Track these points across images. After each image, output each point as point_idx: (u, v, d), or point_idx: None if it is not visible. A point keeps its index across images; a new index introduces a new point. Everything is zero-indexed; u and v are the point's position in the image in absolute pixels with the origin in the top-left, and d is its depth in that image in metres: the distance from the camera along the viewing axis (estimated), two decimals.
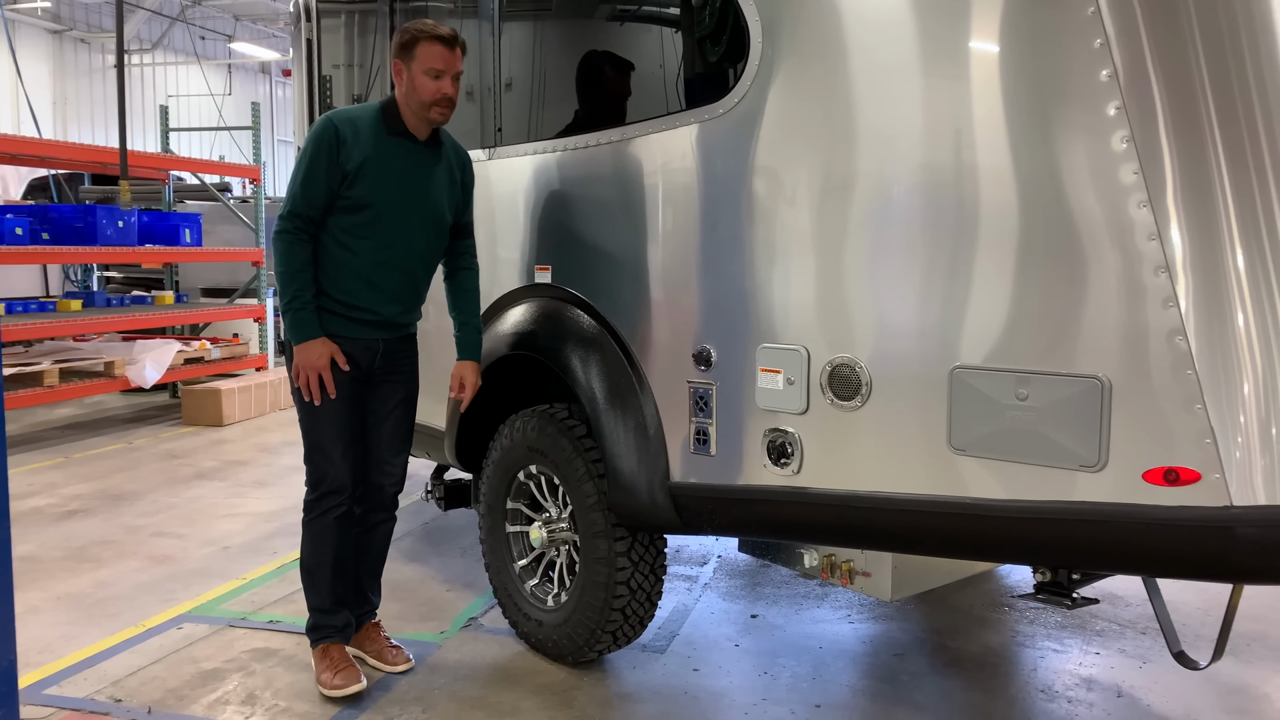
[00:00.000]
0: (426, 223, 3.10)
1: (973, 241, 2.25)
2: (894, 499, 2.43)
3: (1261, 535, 1.95)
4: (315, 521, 3.12)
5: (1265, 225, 2.04)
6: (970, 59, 2.26)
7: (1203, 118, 2.06)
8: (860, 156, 2.43)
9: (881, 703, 3.13)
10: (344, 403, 3.06)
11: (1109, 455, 2.09)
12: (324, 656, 3.14)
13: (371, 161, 2.97)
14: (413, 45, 2.96)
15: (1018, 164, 2.19)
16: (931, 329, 2.33)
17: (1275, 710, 3.11)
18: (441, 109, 3.01)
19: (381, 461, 3.22)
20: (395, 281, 3.08)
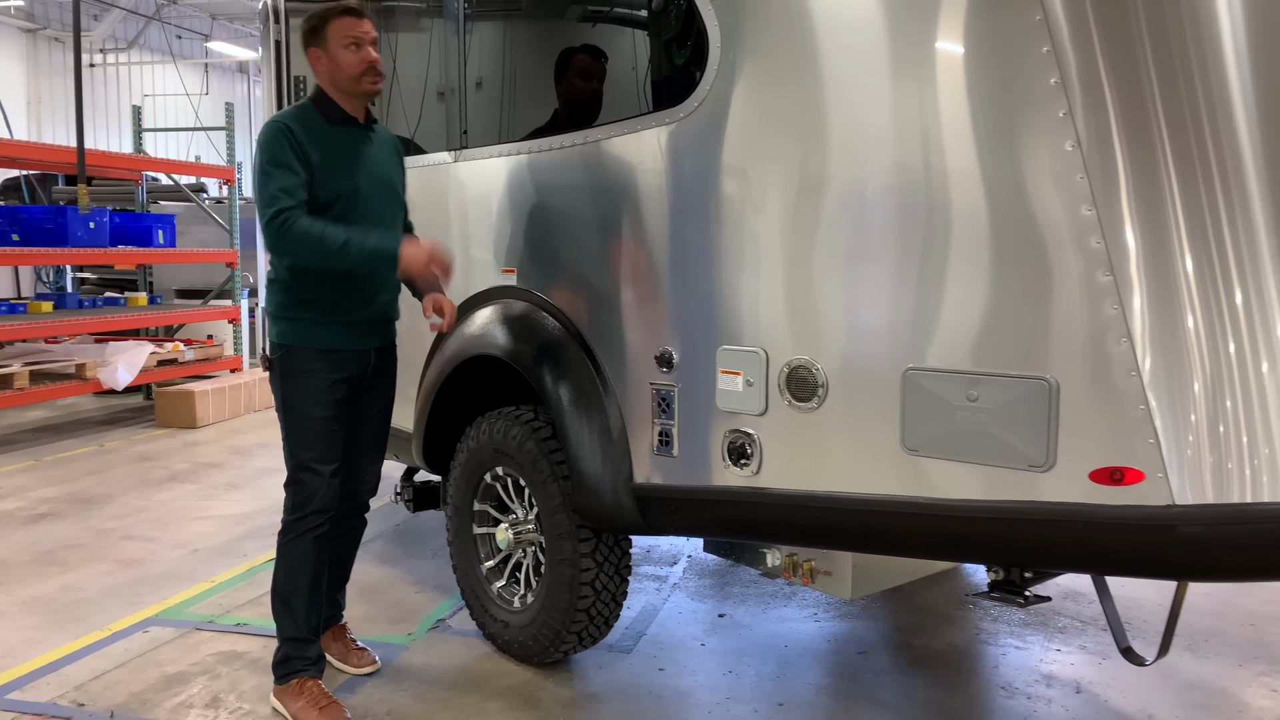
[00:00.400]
0: (390, 204, 3.09)
1: (923, 245, 2.28)
2: (849, 499, 2.45)
3: (1202, 533, 1.98)
4: (295, 542, 2.97)
5: (1211, 229, 2.07)
6: (921, 65, 2.29)
7: (1152, 124, 2.09)
8: (813, 162, 2.45)
9: (844, 700, 3.17)
10: (337, 422, 3.00)
11: (1057, 455, 2.13)
12: (300, 691, 2.95)
13: (328, 154, 2.92)
14: (322, 27, 2.93)
15: (967, 170, 2.22)
16: (884, 331, 2.36)
17: (1230, 704, 3.16)
18: (372, 78, 2.95)
19: (360, 470, 3.19)
20: (375, 271, 3.00)
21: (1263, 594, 4.13)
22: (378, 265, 2.90)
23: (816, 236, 2.47)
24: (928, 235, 2.28)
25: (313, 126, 2.93)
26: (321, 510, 2.97)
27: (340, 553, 3.28)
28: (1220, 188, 2.09)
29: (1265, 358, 2.04)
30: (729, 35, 2.60)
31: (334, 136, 2.95)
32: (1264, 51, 2.15)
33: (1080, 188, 2.08)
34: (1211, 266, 2.06)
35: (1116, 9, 2.11)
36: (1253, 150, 2.11)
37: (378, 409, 3.21)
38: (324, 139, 2.93)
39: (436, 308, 2.99)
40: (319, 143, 2.91)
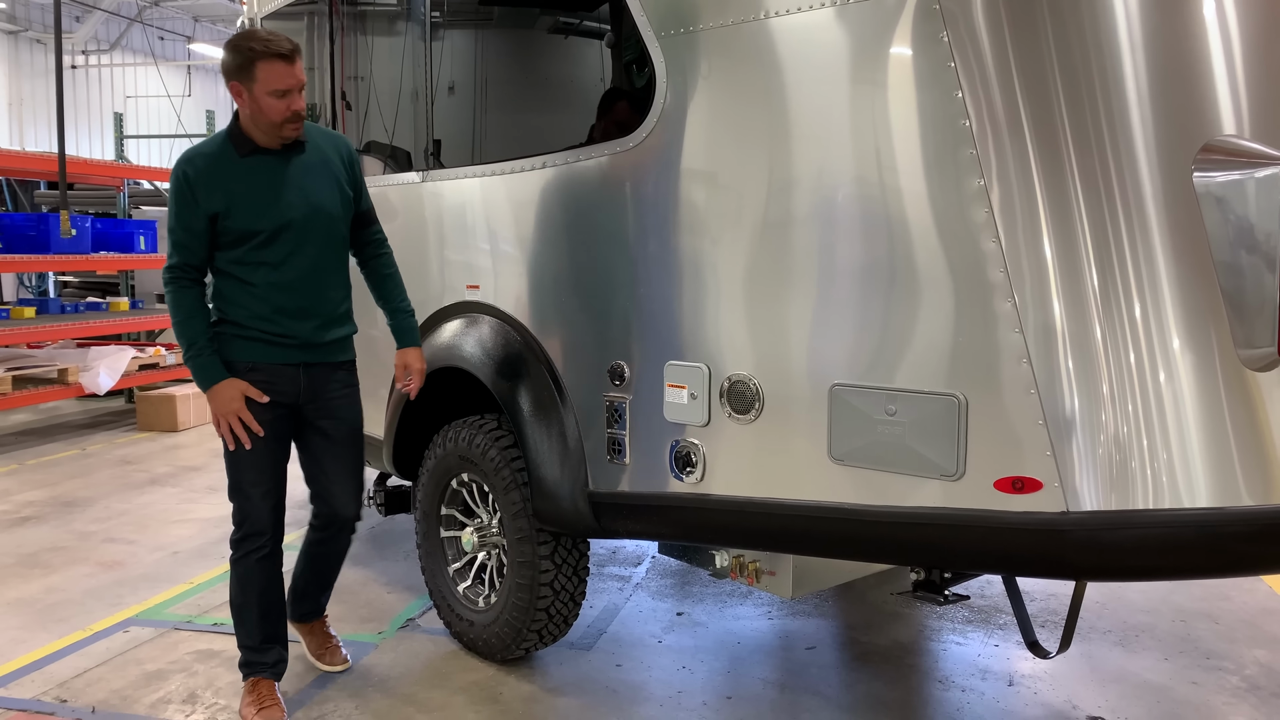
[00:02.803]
0: (314, 229, 2.97)
1: (847, 271, 2.47)
2: (783, 504, 2.64)
3: (1092, 537, 2.18)
4: (239, 563, 3.06)
5: (1094, 265, 2.26)
6: (846, 105, 2.47)
7: (1061, 160, 2.28)
8: (749, 191, 2.64)
9: (789, 693, 3.36)
10: (266, 442, 2.96)
11: (966, 465, 2.32)
12: (252, 690, 3.11)
13: (235, 192, 2.86)
14: (250, 66, 2.78)
15: (887, 205, 2.41)
16: (813, 349, 2.55)
17: (1152, 695, 3.36)
18: (294, 125, 2.87)
19: (334, 497, 3.19)
20: (299, 300, 2.97)
21: (1195, 591, 4.34)
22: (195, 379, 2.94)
23: (752, 260, 2.66)
24: (851, 262, 2.47)
25: (219, 163, 2.87)
26: (257, 534, 3.02)
27: (322, 559, 3.33)
28: (1110, 222, 2.28)
29: (1155, 372, 2.23)
30: (674, 71, 2.78)
31: (246, 169, 2.89)
32: (1161, 85, 2.33)
33: (986, 221, 2.27)
34: (1108, 291, 2.25)
35: (1029, 50, 2.29)
36: (1152, 185, 2.29)
37: (341, 436, 3.13)
38: (234, 174, 2.87)
39: (406, 367, 3.17)
40: (227, 178, 2.86)
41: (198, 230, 2.87)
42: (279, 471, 3.06)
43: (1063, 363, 2.21)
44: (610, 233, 3.02)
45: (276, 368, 2.99)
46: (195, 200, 2.85)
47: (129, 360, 8.10)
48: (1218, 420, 2.21)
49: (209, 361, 2.91)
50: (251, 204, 2.88)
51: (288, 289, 2.95)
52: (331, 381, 3.12)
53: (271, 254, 2.92)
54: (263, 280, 2.93)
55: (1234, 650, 3.74)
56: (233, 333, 2.95)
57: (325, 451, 3.15)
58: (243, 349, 2.96)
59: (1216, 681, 3.47)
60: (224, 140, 2.92)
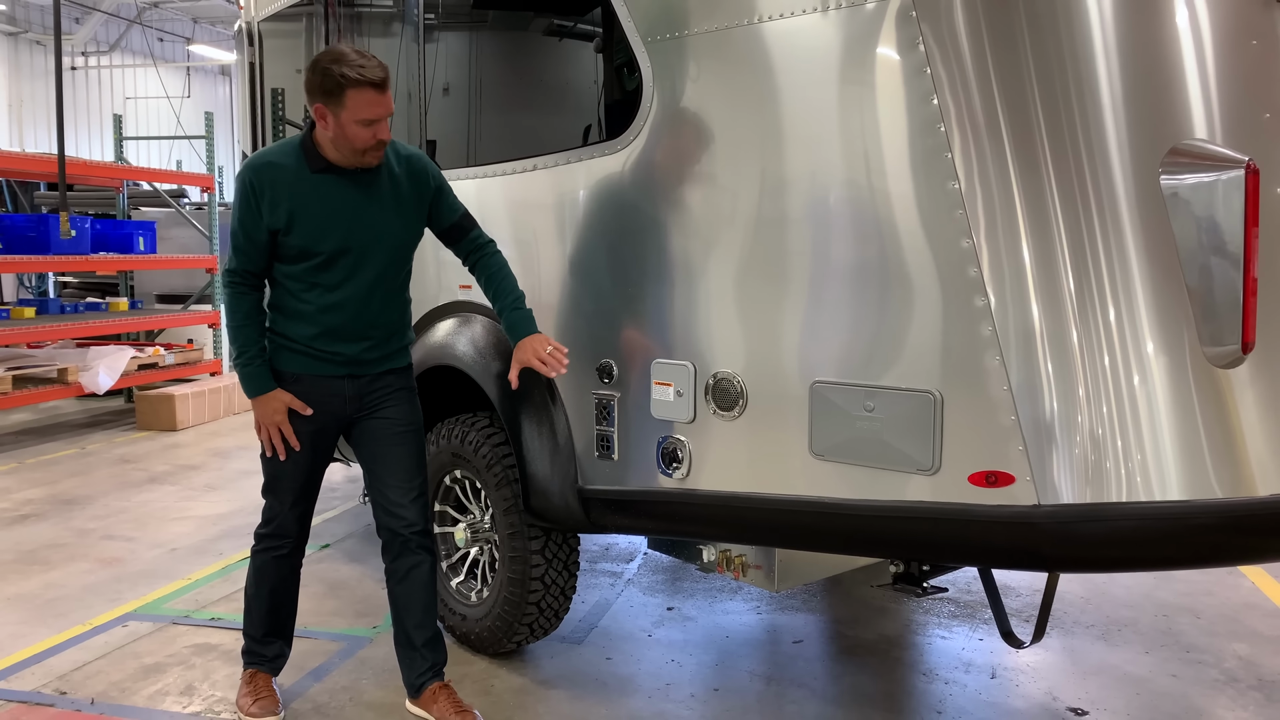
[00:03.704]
0: (374, 255, 2.90)
1: (828, 271, 2.54)
2: (766, 499, 2.70)
3: (1062, 529, 2.24)
4: (258, 555, 3.11)
5: (1069, 263, 2.32)
6: (825, 109, 2.53)
7: (1038, 163, 2.34)
8: (733, 194, 2.70)
9: (775, 685, 3.42)
10: (303, 453, 2.97)
11: (941, 460, 2.38)
12: (249, 682, 3.15)
13: (300, 208, 2.80)
14: (340, 93, 2.68)
15: (866, 206, 2.47)
16: (795, 348, 2.61)
17: (1131, 687, 3.42)
18: (376, 153, 2.81)
19: (390, 505, 3.03)
20: (351, 323, 2.92)
21: (1178, 586, 4.41)
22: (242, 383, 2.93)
23: (736, 260, 2.72)
24: (831, 262, 2.53)
25: (288, 174, 2.81)
26: (276, 535, 3.06)
27: (403, 594, 3.08)
28: (1097, 221, 2.34)
29: (1128, 368, 2.30)
30: (660, 76, 2.85)
31: (312, 186, 2.82)
32: (1135, 90, 2.39)
33: (961, 222, 2.34)
34: (1082, 289, 2.31)
35: (1006, 56, 2.35)
36: (1125, 187, 2.36)
37: (393, 435, 3.03)
38: (301, 190, 2.81)
39: (535, 355, 2.91)
40: (293, 194, 2.81)
41: (259, 241, 2.84)
42: (311, 483, 3.08)
43: (1035, 359, 2.27)
44: (599, 234, 3.09)
45: (321, 379, 2.96)
46: (259, 211, 2.80)
47: (128, 360, 8.16)
48: (1189, 415, 2.27)
49: (258, 371, 2.91)
50: (314, 225, 2.82)
51: (340, 310, 2.90)
52: (379, 384, 3.04)
53: (328, 277, 2.87)
54: (316, 300, 2.89)
55: (1214, 644, 3.80)
56: (280, 343, 2.95)
57: (375, 456, 3.05)
58: (289, 360, 2.95)
59: (1195, 674, 3.54)
60: (296, 150, 2.83)
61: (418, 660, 3.12)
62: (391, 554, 3.11)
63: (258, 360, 2.93)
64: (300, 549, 3.15)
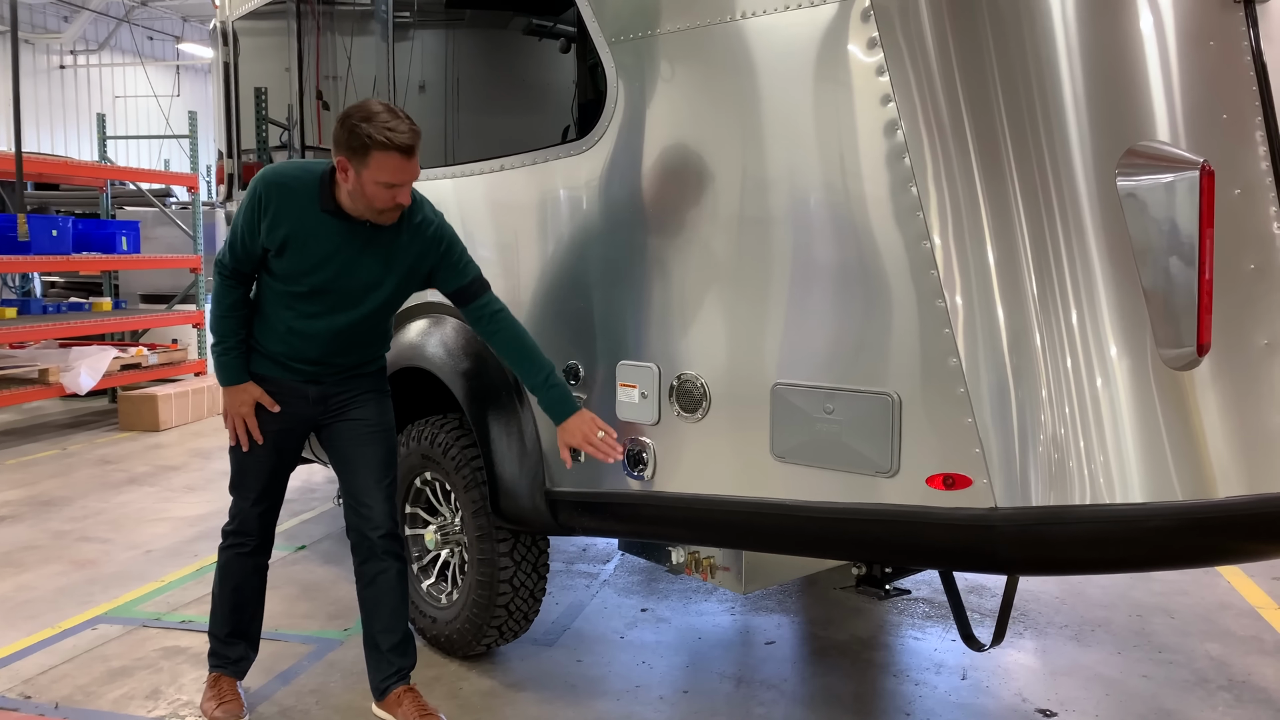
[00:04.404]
0: (358, 305, 2.89)
1: (789, 273, 2.53)
2: (729, 501, 2.69)
3: (1019, 532, 2.23)
4: (223, 552, 3.12)
5: (1031, 264, 2.31)
6: (785, 109, 2.52)
7: (998, 167, 2.33)
8: (696, 195, 2.69)
9: (745, 687, 3.41)
10: (268, 451, 2.99)
11: (900, 463, 2.37)
12: (213, 685, 3.13)
13: (297, 239, 2.78)
14: (365, 152, 2.62)
15: (829, 208, 2.46)
16: (757, 349, 2.60)
17: (1102, 688, 3.42)
18: (391, 214, 2.77)
19: (358, 505, 3.03)
20: (317, 352, 2.94)
21: (1154, 586, 4.41)
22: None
23: (698, 260, 2.71)
24: (791, 263, 2.52)
25: (299, 202, 2.78)
26: (239, 532, 3.06)
27: (375, 601, 3.06)
28: (1059, 223, 2.33)
29: (1089, 370, 2.29)
30: (624, 77, 2.83)
31: (318, 223, 2.79)
32: (1097, 91, 2.38)
33: (919, 223, 2.33)
34: (1043, 291, 2.30)
35: (968, 56, 2.34)
36: (1087, 188, 2.35)
37: (359, 434, 3.03)
38: (304, 221, 2.78)
39: (585, 439, 2.83)
40: (295, 222, 2.78)
41: (253, 251, 2.84)
42: (275, 483, 3.08)
43: (993, 361, 2.26)
44: (564, 234, 3.07)
45: (285, 382, 2.97)
46: (259, 226, 2.79)
47: (110, 360, 8.13)
48: (1150, 417, 2.26)
49: (234, 361, 2.93)
50: (305, 260, 2.80)
51: (308, 339, 2.91)
52: (347, 386, 3.04)
53: (304, 306, 2.87)
54: (289, 321, 2.90)
55: (1187, 644, 3.80)
56: (252, 344, 2.97)
57: (344, 457, 3.05)
58: (257, 362, 2.97)
59: (1166, 675, 3.54)
60: (314, 181, 2.79)
61: (383, 664, 3.11)
62: (360, 556, 3.10)
63: (235, 351, 2.94)
64: (264, 549, 3.14)
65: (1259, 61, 2.37)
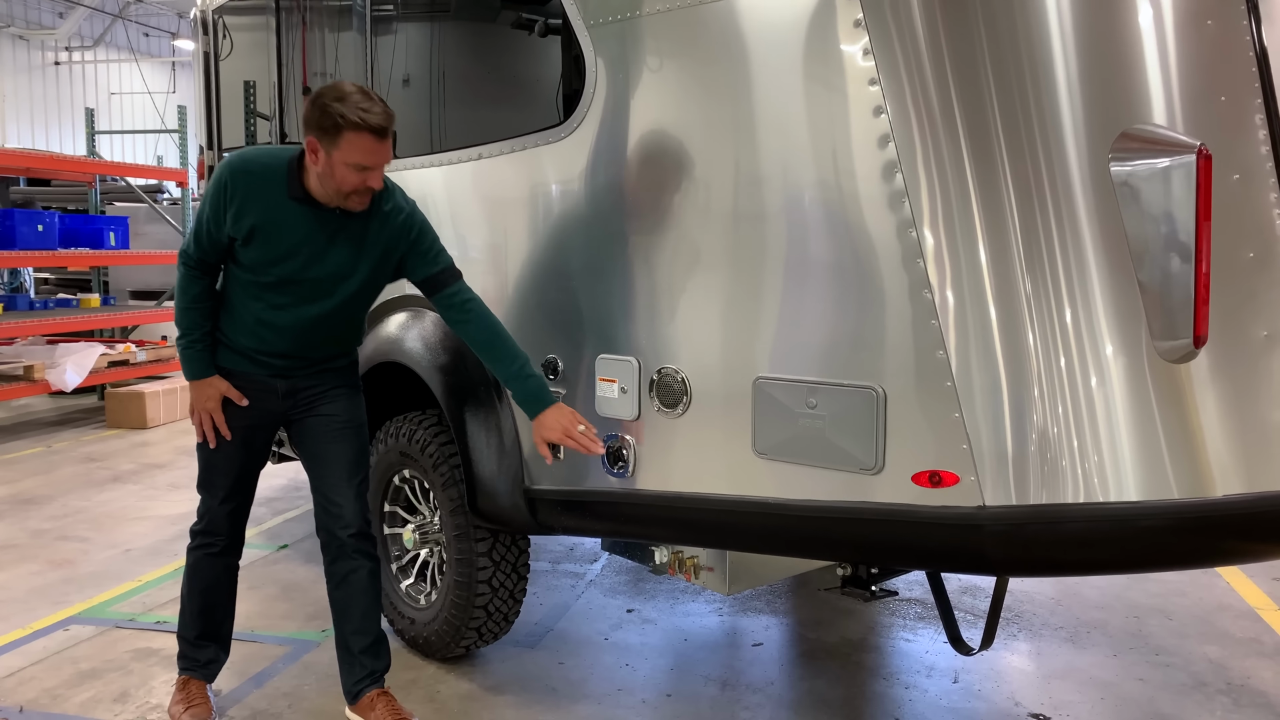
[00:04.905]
0: (329, 296, 2.80)
1: (772, 264, 2.43)
2: (710, 499, 2.60)
3: (1007, 532, 2.14)
4: (191, 552, 3.03)
5: (1021, 253, 2.21)
6: (768, 95, 2.43)
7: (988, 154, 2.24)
8: (677, 183, 2.60)
9: (730, 690, 3.32)
10: (235, 447, 2.90)
11: (885, 459, 2.28)
12: (182, 688, 3.04)
13: (264, 228, 2.69)
14: (337, 132, 2.54)
15: (813, 198, 2.37)
16: (738, 342, 2.51)
17: (1097, 691, 3.33)
18: (362, 198, 2.68)
19: (328, 503, 2.95)
20: (286, 345, 2.85)
21: (1152, 587, 4.32)
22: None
23: (679, 251, 2.62)
24: (773, 254, 2.43)
25: (267, 189, 2.69)
26: (208, 532, 2.98)
27: (345, 601, 2.98)
28: (1051, 211, 2.24)
29: (1083, 364, 2.20)
30: (603, 61, 2.74)
31: (286, 211, 2.70)
32: (1091, 75, 2.29)
33: (906, 213, 2.23)
34: (1034, 282, 2.21)
35: (957, 40, 2.24)
36: (1081, 175, 2.25)
37: (330, 431, 2.95)
38: (272, 209, 2.69)
39: (565, 434, 2.71)
40: (262, 210, 2.69)
41: (218, 240, 2.75)
42: (244, 481, 2.99)
43: (982, 354, 2.17)
44: (542, 225, 2.98)
45: (253, 376, 2.89)
46: (225, 214, 2.70)
47: (97, 357, 8.04)
48: (1146, 413, 2.17)
49: (199, 355, 2.83)
50: (272, 249, 2.72)
51: (277, 331, 2.82)
52: (316, 381, 2.95)
53: (272, 297, 2.79)
54: (257, 313, 2.81)
55: (1184, 646, 3.71)
56: (219, 337, 2.88)
57: (314, 454, 2.97)
58: (223, 355, 2.88)
59: (1163, 678, 3.45)
60: (281, 168, 2.70)
61: (355, 667, 3.02)
62: (330, 556, 3.01)
63: (200, 344, 2.84)
64: (234, 548, 3.05)
65: (1259, 43, 2.27)
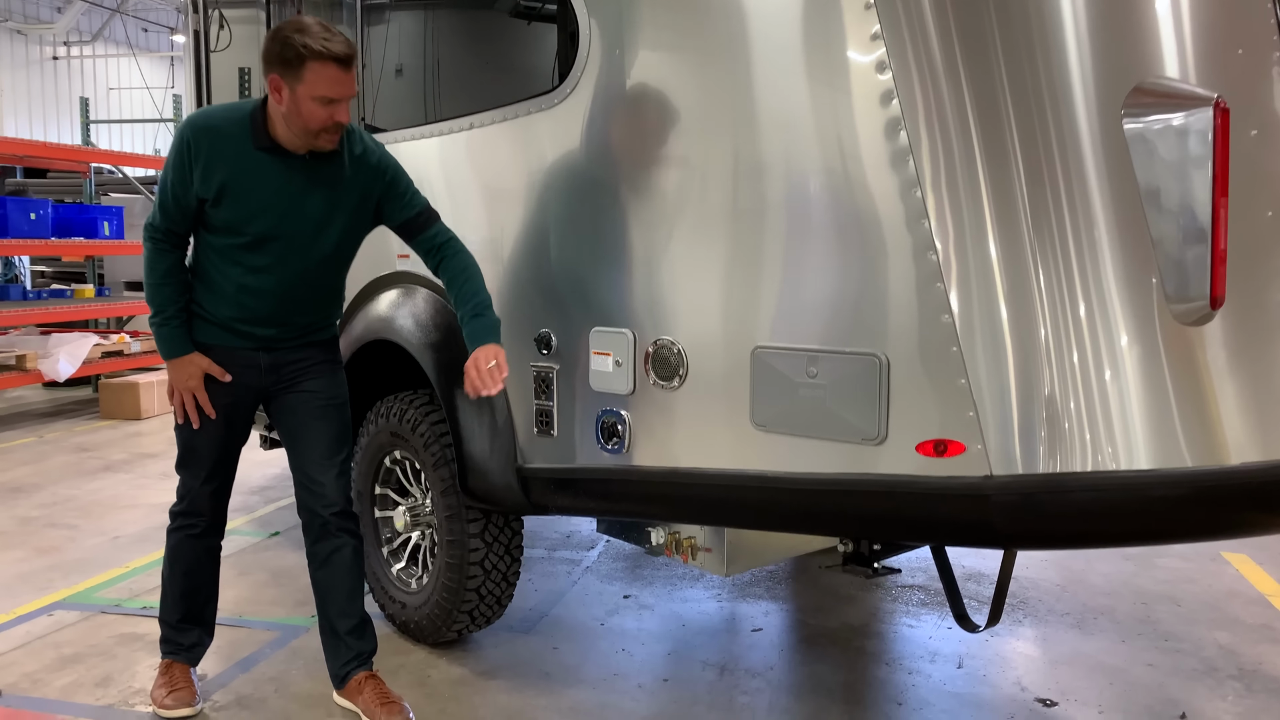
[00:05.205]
0: (311, 247, 2.71)
1: (770, 229, 2.35)
2: (707, 474, 2.52)
3: (1016, 502, 2.06)
4: (172, 534, 2.95)
5: (1029, 213, 2.12)
6: (770, 59, 2.35)
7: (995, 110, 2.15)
8: (670, 150, 2.51)
9: (729, 675, 3.24)
10: (217, 426, 2.81)
11: (888, 429, 2.20)
12: (165, 672, 2.97)
13: (234, 184, 2.60)
14: (300, 64, 2.45)
15: (808, 159, 2.28)
16: (735, 310, 2.43)
17: (1105, 676, 3.24)
18: (330, 137, 2.58)
19: (310, 482, 2.86)
20: (272, 310, 2.75)
21: (1159, 574, 4.23)
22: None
23: (672, 219, 2.53)
24: (775, 218, 2.34)
25: (231, 143, 2.60)
26: (189, 513, 2.90)
27: (329, 582, 2.91)
28: (1059, 167, 2.16)
29: (1092, 328, 2.11)
30: (600, 28, 2.66)
31: (254, 163, 2.60)
32: (1101, 26, 2.20)
33: (910, 171, 2.15)
34: (1042, 241, 2.12)
35: (969, 8, 2.15)
36: (1090, 129, 2.16)
37: (312, 409, 2.86)
38: (239, 163, 2.60)
39: (474, 365, 2.61)
40: (229, 165, 2.59)
41: (186, 205, 2.64)
42: (226, 460, 2.90)
43: (990, 318, 2.08)
44: (535, 194, 2.90)
45: (235, 350, 2.78)
46: (190, 177, 2.60)
47: (90, 347, 7.95)
48: (1157, 377, 2.09)
49: (175, 332, 2.73)
50: (246, 205, 2.62)
51: (260, 295, 2.72)
52: (298, 356, 2.86)
53: (252, 259, 2.68)
54: (237, 279, 2.70)
55: (1194, 632, 3.63)
56: (195, 311, 2.77)
57: (295, 431, 2.88)
58: (201, 329, 2.77)
59: (1173, 664, 3.36)
60: (244, 120, 2.61)
61: (342, 649, 2.94)
62: (312, 536, 2.93)
63: (175, 321, 2.74)
64: (216, 529, 2.97)
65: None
